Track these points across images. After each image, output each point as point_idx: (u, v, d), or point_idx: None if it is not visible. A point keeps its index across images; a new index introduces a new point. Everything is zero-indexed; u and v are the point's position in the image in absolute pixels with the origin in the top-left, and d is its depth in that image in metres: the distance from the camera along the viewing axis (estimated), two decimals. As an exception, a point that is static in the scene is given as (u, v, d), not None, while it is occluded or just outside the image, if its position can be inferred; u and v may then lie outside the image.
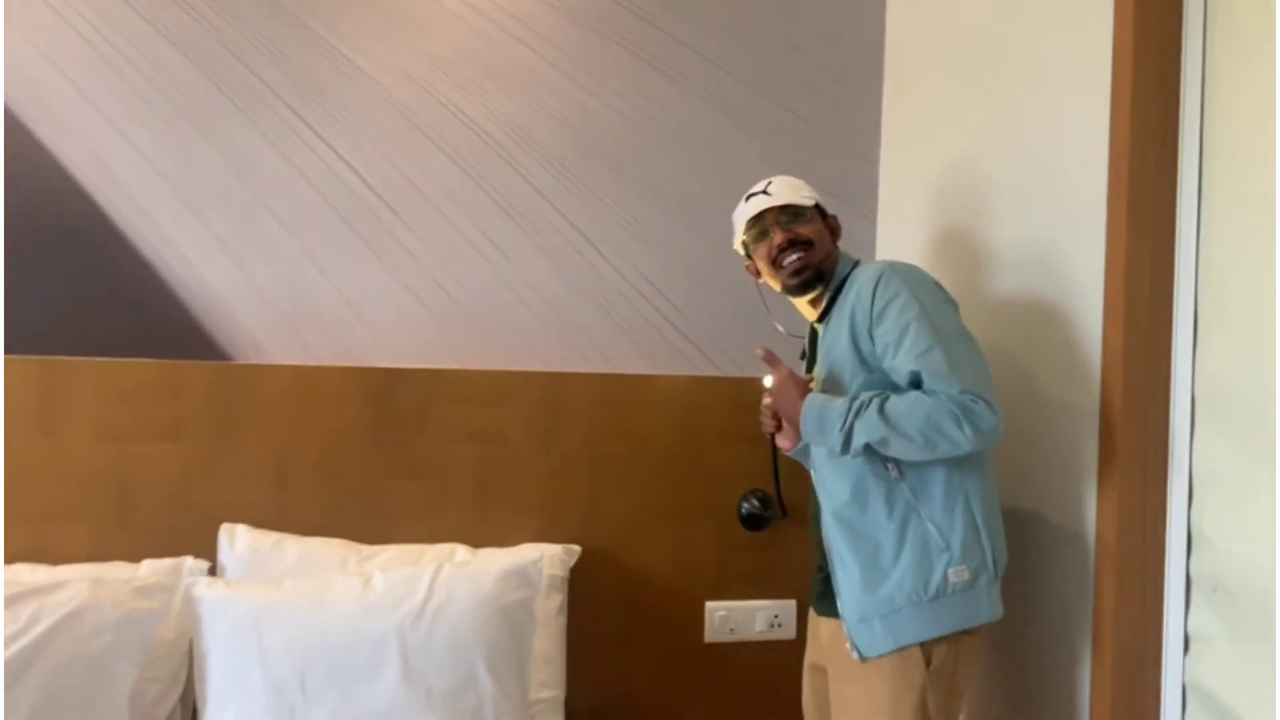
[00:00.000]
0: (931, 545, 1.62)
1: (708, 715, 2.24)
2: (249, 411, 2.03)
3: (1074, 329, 1.79)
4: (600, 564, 2.18)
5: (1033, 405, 1.91)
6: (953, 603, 1.61)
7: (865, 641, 1.64)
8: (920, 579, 1.62)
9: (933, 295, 1.66)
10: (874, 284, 1.67)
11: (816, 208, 1.82)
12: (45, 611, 1.66)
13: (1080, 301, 1.77)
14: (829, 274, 1.79)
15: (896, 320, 1.62)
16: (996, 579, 1.66)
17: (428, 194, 2.21)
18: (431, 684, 1.73)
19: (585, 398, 2.20)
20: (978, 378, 1.59)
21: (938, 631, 1.61)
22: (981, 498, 1.66)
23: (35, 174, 2.01)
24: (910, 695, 1.59)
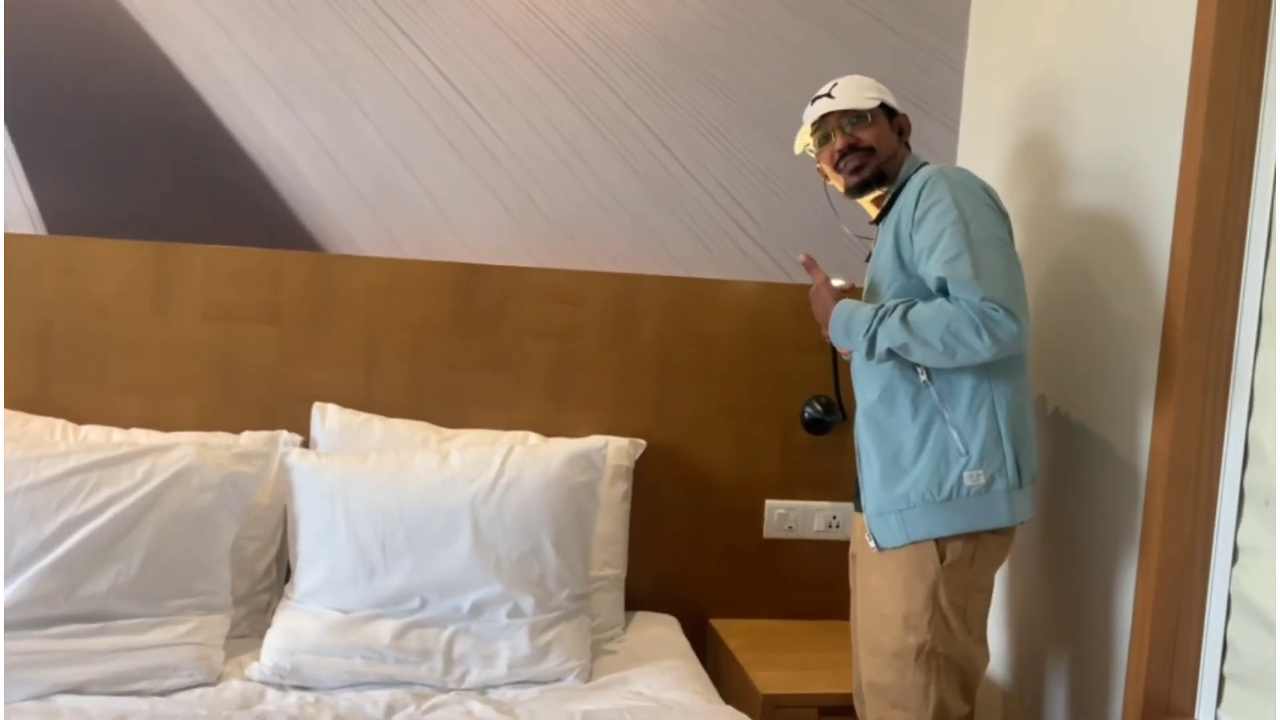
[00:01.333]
0: (951, 449, 1.67)
1: (764, 606, 2.34)
2: (340, 299, 2.17)
3: (1145, 239, 1.78)
4: (665, 458, 2.28)
5: (1096, 314, 1.91)
6: (965, 504, 1.66)
7: (882, 534, 1.72)
8: (935, 480, 1.67)
9: (974, 201, 1.66)
10: (919, 188, 1.69)
11: (882, 107, 1.82)
12: (158, 469, 1.83)
13: (1153, 212, 1.76)
14: (893, 175, 1.81)
15: (934, 226, 1.64)
16: (1021, 485, 1.69)
17: (511, 98, 2.28)
18: (500, 553, 1.86)
19: (657, 300, 2.27)
20: (1002, 286, 1.59)
21: (948, 530, 1.66)
22: (1008, 405, 1.67)
23: (146, 68, 2.15)
24: (922, 586, 1.66)
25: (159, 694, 1.70)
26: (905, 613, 1.68)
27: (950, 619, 1.67)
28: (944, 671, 1.67)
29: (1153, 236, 1.75)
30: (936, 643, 1.66)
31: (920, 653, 1.67)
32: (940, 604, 1.66)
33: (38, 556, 1.72)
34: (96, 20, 2.13)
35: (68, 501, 1.76)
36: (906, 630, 1.68)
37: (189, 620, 1.79)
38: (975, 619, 1.72)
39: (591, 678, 1.87)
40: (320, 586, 1.87)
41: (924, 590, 1.66)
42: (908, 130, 1.86)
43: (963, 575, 1.68)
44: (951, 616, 1.67)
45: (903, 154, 1.83)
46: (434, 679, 1.79)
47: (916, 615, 1.67)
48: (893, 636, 1.69)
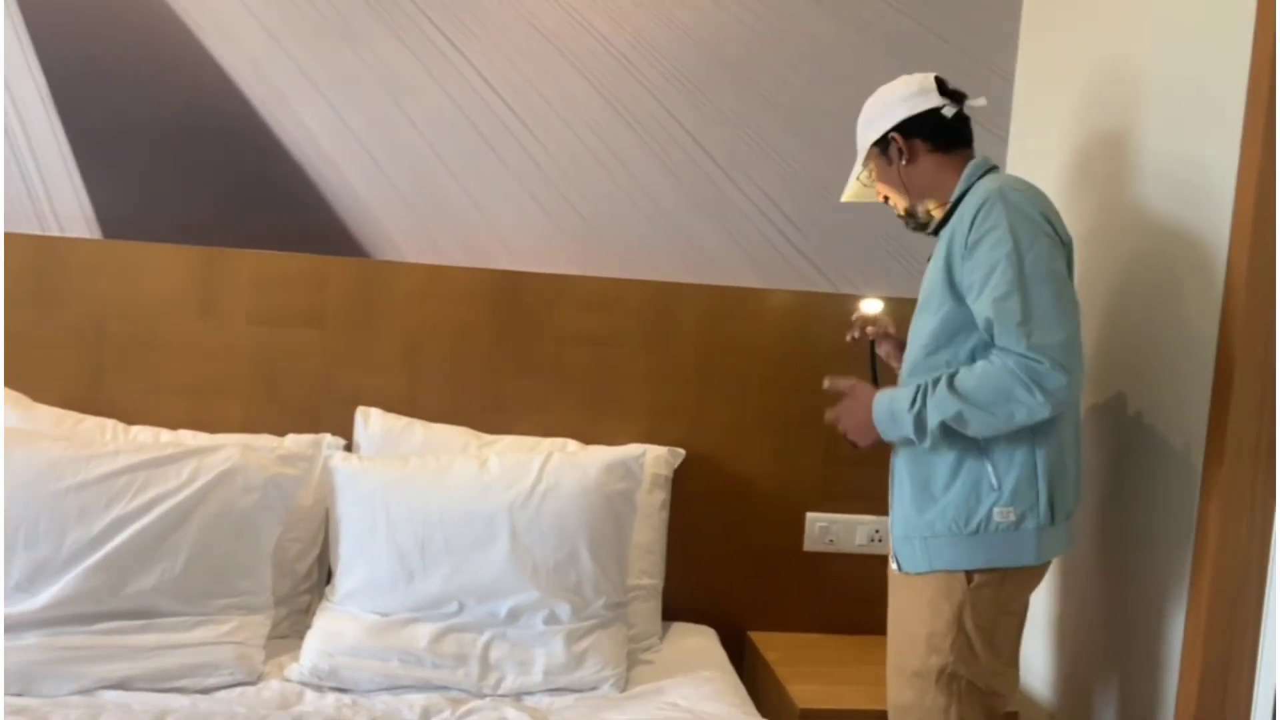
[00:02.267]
0: (983, 483, 1.61)
1: (803, 620, 2.32)
2: (384, 305, 2.19)
3: (1205, 248, 1.73)
4: (704, 468, 2.27)
5: (1152, 328, 1.86)
6: (992, 540, 1.61)
7: (905, 558, 1.69)
8: (964, 512, 1.62)
9: (1031, 230, 1.57)
10: (975, 211, 1.60)
11: (882, 140, 1.75)
12: (203, 470, 1.86)
13: (1215, 221, 1.71)
14: (935, 190, 1.74)
15: (987, 257, 1.55)
16: (1054, 523, 1.63)
17: (554, 105, 2.29)
18: (537, 560, 1.87)
19: (697, 308, 2.26)
20: (1051, 333, 1.51)
21: (972, 564, 1.61)
22: (1049, 442, 1.61)
23: (199, 76, 2.19)
24: (948, 607, 1.62)
25: (200, 691, 1.73)
26: (929, 633, 1.65)
27: (975, 641, 1.63)
28: (966, 695, 1.64)
29: (1213, 246, 1.71)
30: (959, 665, 1.62)
31: (942, 674, 1.64)
32: (965, 626, 1.62)
33: (86, 554, 1.76)
34: (151, 29, 2.18)
35: (116, 500, 1.80)
36: (929, 651, 1.64)
37: (231, 620, 1.82)
38: (1004, 642, 1.68)
39: (627, 687, 1.87)
40: (360, 589, 1.89)
41: (949, 611, 1.63)
42: (912, 154, 1.73)
43: (990, 599, 1.63)
44: (976, 639, 1.63)
45: (927, 171, 1.73)
46: (470, 684, 1.80)
47: (940, 636, 1.64)
48: (916, 656, 1.66)
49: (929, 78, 1.77)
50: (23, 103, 2.15)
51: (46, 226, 2.16)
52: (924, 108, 1.74)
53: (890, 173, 1.77)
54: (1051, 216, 1.64)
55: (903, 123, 1.74)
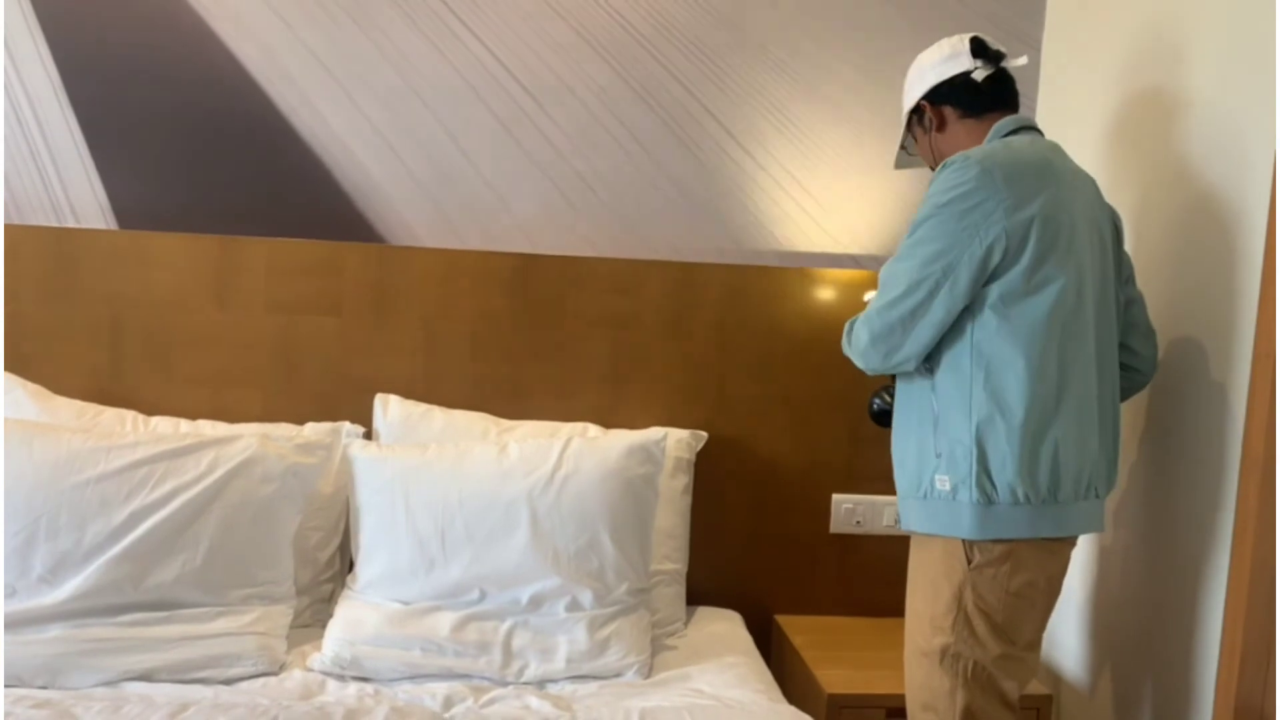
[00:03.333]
0: (928, 449, 1.61)
1: (830, 603, 2.28)
2: (402, 291, 2.17)
3: (1242, 229, 1.67)
4: (727, 450, 2.23)
5: (1186, 308, 1.80)
6: (935, 506, 1.60)
7: (902, 515, 1.70)
8: (915, 477, 1.63)
9: (947, 193, 1.53)
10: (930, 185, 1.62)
11: (914, 112, 1.74)
12: (222, 460, 1.85)
13: (1252, 205, 1.65)
14: None
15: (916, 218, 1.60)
16: (991, 503, 1.54)
17: (570, 85, 2.25)
18: (558, 546, 1.84)
19: (718, 288, 2.22)
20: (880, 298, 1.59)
21: (924, 529, 1.63)
22: (985, 410, 1.53)
23: (212, 64, 2.17)
24: (948, 587, 1.59)
25: (223, 682, 1.73)
26: (932, 613, 1.61)
27: (975, 624, 1.57)
28: (972, 677, 1.58)
29: (1250, 228, 1.64)
30: (961, 647, 1.58)
31: (945, 655, 1.59)
32: (965, 607, 1.57)
33: (107, 545, 1.76)
34: (163, 17, 2.16)
35: (136, 491, 1.79)
36: (933, 630, 1.61)
37: (252, 610, 1.81)
38: (1017, 628, 1.60)
39: (651, 674, 1.84)
40: (381, 577, 1.87)
41: (949, 591, 1.58)
42: (944, 123, 1.71)
43: (993, 580, 1.57)
44: (978, 621, 1.57)
45: (955, 139, 1.70)
46: (492, 672, 1.78)
47: (940, 616, 1.60)
48: (923, 635, 1.63)
49: (964, 40, 1.71)
50: (35, 94, 2.14)
51: (63, 218, 2.16)
52: (953, 73, 1.69)
53: (924, 141, 1.75)
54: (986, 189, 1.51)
55: (932, 90, 1.70)
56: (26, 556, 1.74)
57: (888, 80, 2.26)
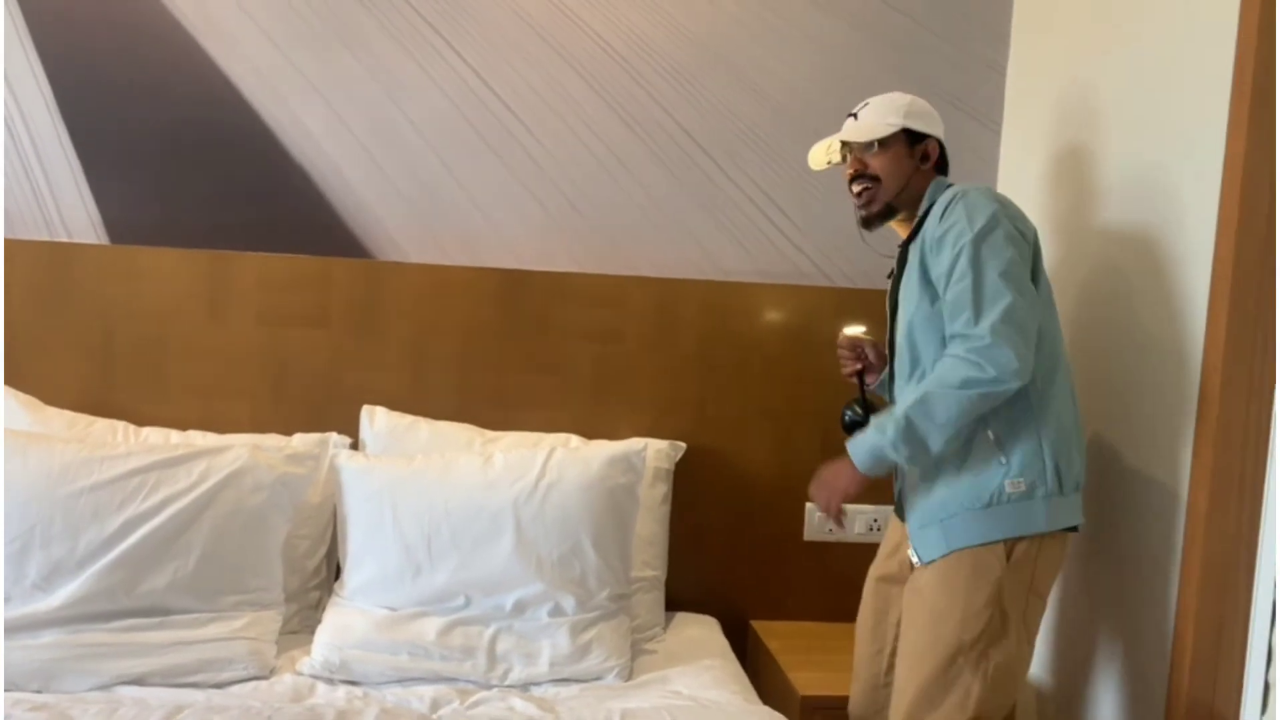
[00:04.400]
0: (992, 460, 1.68)
1: (804, 608, 2.36)
2: (389, 305, 2.23)
3: (1186, 248, 1.77)
4: (706, 460, 2.31)
5: (1134, 325, 1.89)
6: (1005, 511, 1.66)
7: (922, 548, 1.73)
8: (976, 490, 1.68)
9: (989, 222, 1.65)
10: (943, 209, 1.71)
11: (905, 132, 1.81)
12: (213, 470, 1.90)
13: (1194, 224, 1.74)
14: (910, 202, 1.81)
15: (950, 249, 1.66)
16: (1062, 493, 1.68)
17: (552, 105, 2.32)
18: (541, 553, 1.90)
19: (697, 303, 2.30)
20: (993, 312, 1.60)
21: (987, 538, 1.67)
22: (1050, 414, 1.67)
23: (202, 83, 2.23)
24: (986, 585, 1.65)
25: (214, 686, 1.77)
26: (965, 608, 1.67)
27: (1010, 619, 1.67)
28: (989, 673, 1.66)
29: (1194, 247, 1.74)
30: (989, 643, 1.65)
31: (975, 648, 1.66)
32: (1002, 604, 1.66)
33: (100, 553, 1.80)
34: (154, 36, 2.21)
35: (129, 501, 1.84)
36: (964, 626, 1.66)
37: (243, 616, 1.86)
38: (1031, 623, 1.71)
39: (631, 676, 1.91)
40: (368, 584, 1.93)
41: (988, 589, 1.66)
42: (931, 156, 1.83)
43: (1025, 577, 1.67)
44: (1012, 616, 1.67)
45: (923, 181, 1.82)
46: (477, 675, 1.84)
47: (976, 614, 1.66)
48: (951, 631, 1.67)
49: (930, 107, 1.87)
50: (29, 111, 2.18)
51: (54, 233, 2.20)
52: (934, 131, 1.85)
53: (904, 163, 1.82)
54: (1010, 212, 1.71)
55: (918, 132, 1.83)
56: (21, 564, 1.78)
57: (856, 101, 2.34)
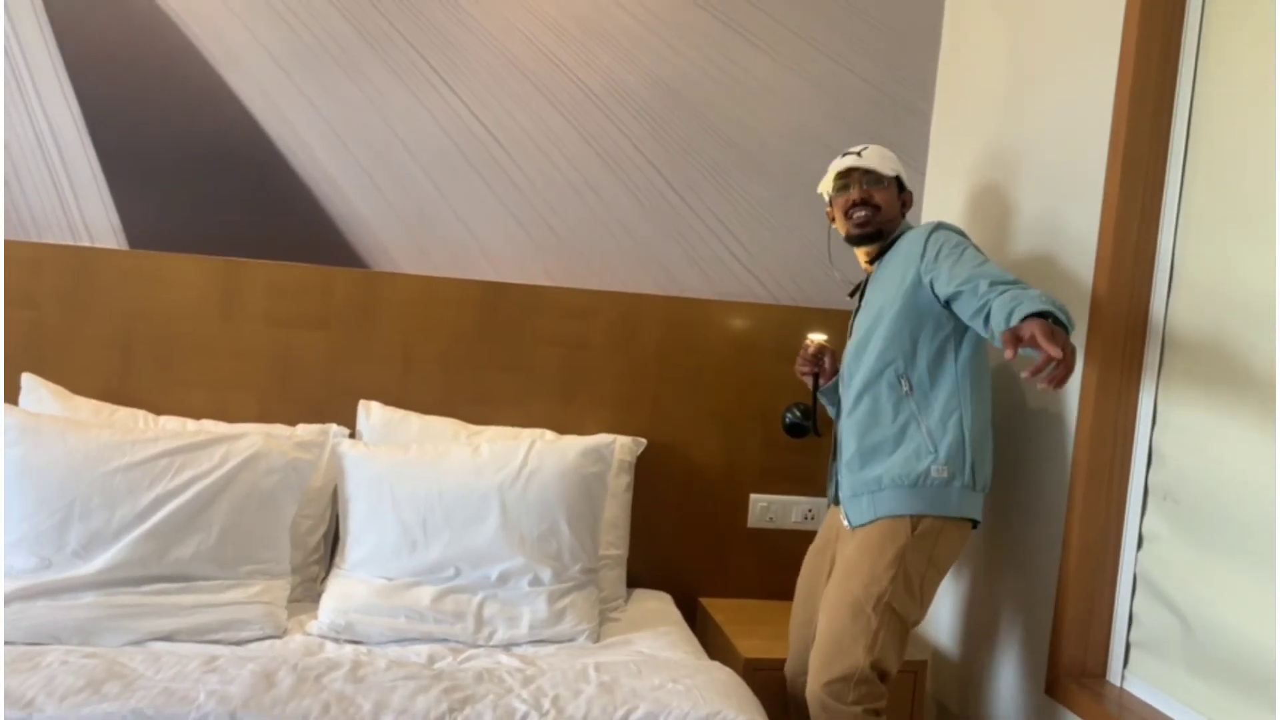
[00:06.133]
0: (922, 448, 2.00)
1: (747, 587, 2.67)
2: (383, 310, 2.48)
3: (1072, 276, 2.12)
4: (663, 455, 2.61)
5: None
6: (927, 491, 1.98)
7: (854, 513, 2.05)
8: (906, 470, 1.99)
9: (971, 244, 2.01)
10: (926, 236, 2.02)
11: (897, 179, 2.16)
12: (232, 454, 2.14)
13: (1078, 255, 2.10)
14: (888, 233, 2.15)
15: (950, 252, 1.95)
16: (975, 489, 2.00)
17: (533, 136, 2.60)
18: (523, 531, 2.18)
19: (658, 316, 2.60)
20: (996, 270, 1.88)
21: (911, 510, 1.98)
22: (973, 418, 2.00)
23: (218, 105, 2.46)
24: (893, 547, 1.97)
25: (235, 643, 2.00)
26: (873, 566, 1.96)
27: (911, 581, 1.96)
28: (891, 623, 1.95)
29: (1078, 274, 2.10)
30: (894, 597, 1.94)
31: (880, 601, 1.94)
32: (905, 567, 1.96)
33: (134, 525, 2.03)
34: (174, 62, 2.44)
35: (158, 480, 2.07)
36: (873, 580, 1.96)
37: (257, 583, 2.10)
38: (927, 590, 2.01)
39: (599, 639, 2.19)
40: (369, 557, 2.18)
41: (894, 551, 1.96)
42: (909, 205, 2.21)
43: (926, 549, 1.97)
44: (913, 579, 1.96)
45: (899, 222, 2.18)
46: (466, 636, 2.11)
47: (883, 570, 1.95)
48: (861, 585, 1.96)
49: None
50: (58, 127, 2.40)
51: (78, 237, 2.42)
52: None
53: (894, 202, 2.17)
54: None
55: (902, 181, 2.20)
56: (62, 533, 2.00)
57: (805, 145, 2.68)
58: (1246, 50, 1.84)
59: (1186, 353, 1.92)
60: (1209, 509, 1.83)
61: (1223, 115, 1.88)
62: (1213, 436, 1.84)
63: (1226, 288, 1.83)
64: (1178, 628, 1.89)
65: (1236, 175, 1.83)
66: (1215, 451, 1.83)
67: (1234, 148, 1.85)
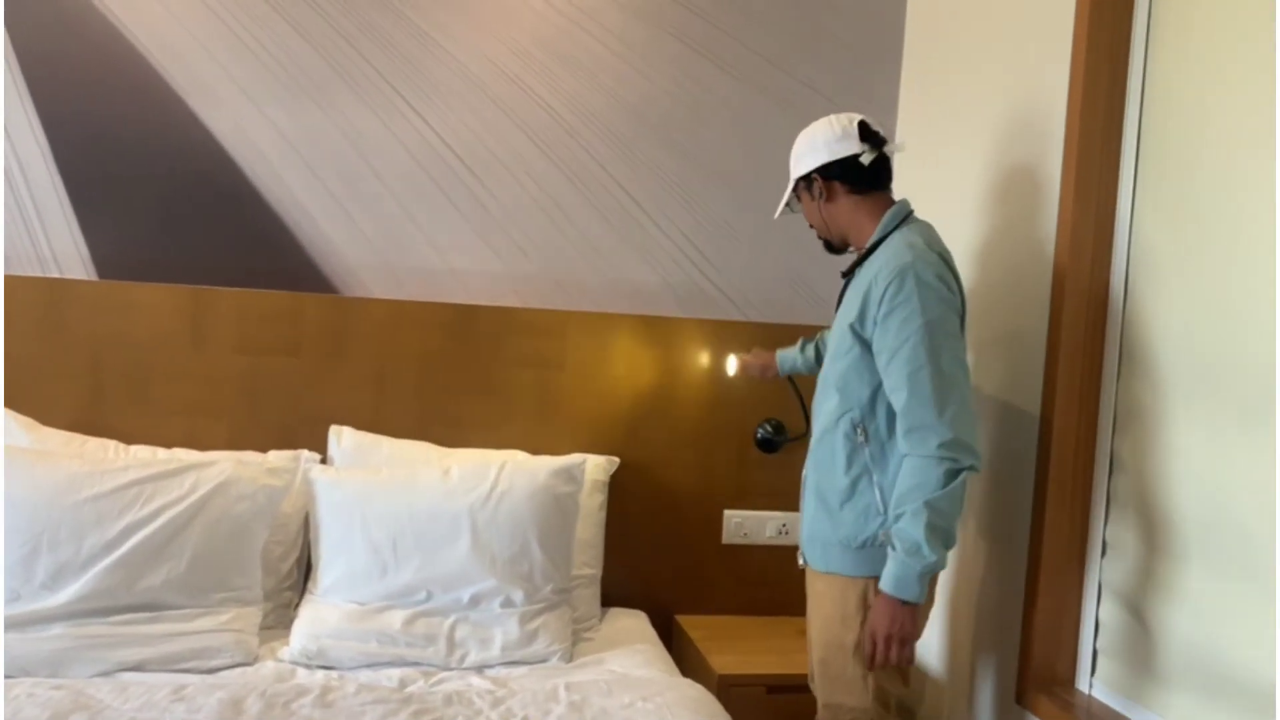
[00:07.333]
0: (872, 509, 1.86)
1: (723, 604, 2.68)
2: (354, 335, 2.50)
3: (1032, 293, 2.15)
4: (637, 473, 2.62)
5: (995, 362, 2.27)
6: (875, 553, 1.85)
7: (810, 555, 1.98)
8: (855, 530, 1.87)
9: (941, 309, 1.76)
10: (889, 281, 1.77)
11: (804, 179, 1.95)
12: (202, 482, 2.14)
13: (1037, 276, 2.13)
14: (857, 236, 1.94)
15: (899, 330, 1.74)
16: None
17: (502, 160, 2.63)
18: (494, 552, 2.19)
19: (629, 336, 2.62)
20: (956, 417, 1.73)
21: (859, 572, 1.87)
22: None
23: (187, 135, 2.48)
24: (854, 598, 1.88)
25: (206, 672, 2.01)
26: (842, 613, 1.91)
27: None
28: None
29: (1036, 288, 2.12)
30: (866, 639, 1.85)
31: (858, 648, 1.88)
32: (870, 605, 1.86)
33: (102, 555, 2.03)
34: (142, 92, 2.46)
35: (127, 509, 2.07)
36: (844, 629, 1.90)
37: (229, 610, 2.10)
38: None
39: (572, 659, 2.19)
40: (340, 582, 2.18)
41: (855, 601, 1.87)
42: (833, 194, 1.92)
43: None
44: None
45: (853, 212, 1.91)
46: (438, 659, 2.11)
47: (851, 616, 1.90)
48: (833, 633, 1.93)
49: (854, 122, 1.90)
50: (25, 158, 2.41)
51: (47, 269, 2.43)
52: (845, 153, 1.89)
53: (812, 207, 1.99)
54: (951, 282, 1.82)
55: (824, 165, 1.91)
56: (30, 565, 2.00)
57: (768, 162, 2.70)
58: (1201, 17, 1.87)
59: (1144, 360, 1.94)
60: (1167, 515, 1.85)
61: (1168, 128, 1.92)
62: (1169, 444, 1.86)
63: (1180, 292, 1.86)
64: (1141, 634, 1.90)
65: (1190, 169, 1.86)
66: (1171, 457, 1.85)
67: (1182, 157, 1.88)
